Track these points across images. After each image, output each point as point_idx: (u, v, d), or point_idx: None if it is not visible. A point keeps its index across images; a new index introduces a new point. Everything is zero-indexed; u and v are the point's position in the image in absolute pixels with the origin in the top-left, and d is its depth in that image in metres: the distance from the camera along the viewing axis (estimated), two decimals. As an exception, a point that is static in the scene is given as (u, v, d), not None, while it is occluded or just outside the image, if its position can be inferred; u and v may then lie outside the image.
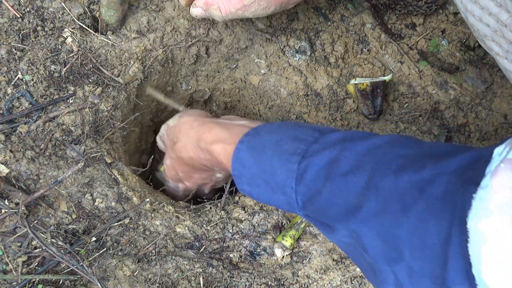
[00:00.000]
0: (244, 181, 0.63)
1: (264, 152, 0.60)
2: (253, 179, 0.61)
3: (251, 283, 0.75)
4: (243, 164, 0.62)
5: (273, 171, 0.57)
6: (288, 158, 0.56)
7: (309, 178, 0.54)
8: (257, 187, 0.61)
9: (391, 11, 0.97)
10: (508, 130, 0.93)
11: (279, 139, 0.59)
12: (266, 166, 0.58)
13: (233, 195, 0.84)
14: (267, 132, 0.63)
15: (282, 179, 0.56)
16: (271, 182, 0.58)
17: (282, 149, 0.58)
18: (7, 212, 0.69)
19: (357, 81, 0.91)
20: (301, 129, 0.60)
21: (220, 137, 0.69)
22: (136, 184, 0.81)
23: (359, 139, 0.54)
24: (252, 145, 0.62)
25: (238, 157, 0.63)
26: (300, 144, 0.57)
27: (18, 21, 0.81)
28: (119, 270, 0.72)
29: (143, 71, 0.87)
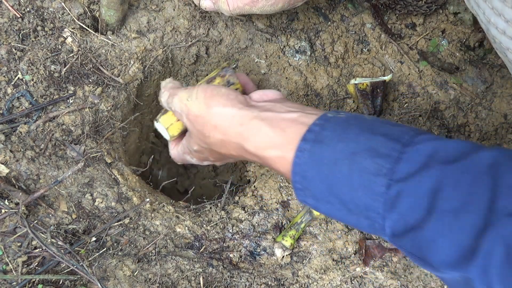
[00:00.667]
0: (309, 195, 0.54)
1: (337, 168, 0.51)
2: (322, 195, 0.53)
3: (251, 283, 0.75)
4: (308, 178, 0.53)
5: (352, 192, 0.50)
6: (371, 179, 0.48)
7: (405, 208, 0.46)
8: (327, 203, 0.53)
9: (391, 11, 0.97)
10: (508, 130, 0.93)
11: (353, 151, 0.50)
12: (341, 185, 0.50)
13: (233, 195, 0.84)
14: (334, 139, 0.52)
15: (365, 203, 0.49)
16: (349, 202, 0.50)
17: (360, 166, 0.49)
18: (7, 212, 0.69)
19: (357, 81, 0.91)
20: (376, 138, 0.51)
21: (273, 142, 0.58)
22: (136, 184, 0.81)
23: (459, 157, 0.46)
24: (318, 157, 0.52)
25: (299, 171, 0.54)
26: (383, 161, 0.48)
27: (18, 21, 0.81)
28: (119, 270, 0.72)
29: (143, 71, 0.87)
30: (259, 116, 0.60)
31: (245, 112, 0.61)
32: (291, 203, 0.82)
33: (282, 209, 0.81)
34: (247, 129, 0.60)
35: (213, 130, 0.63)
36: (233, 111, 0.62)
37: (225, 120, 0.62)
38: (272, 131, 0.58)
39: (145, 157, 1.05)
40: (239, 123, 0.61)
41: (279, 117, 0.59)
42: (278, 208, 0.81)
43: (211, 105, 0.63)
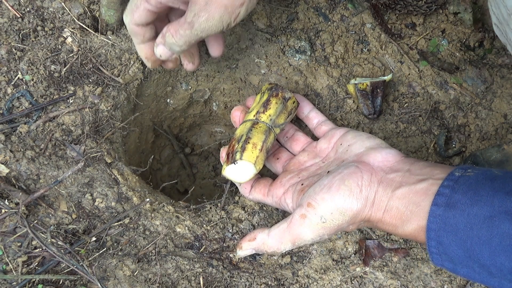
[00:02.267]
0: (446, 259, 0.55)
1: (474, 232, 0.51)
2: (460, 260, 0.53)
3: (251, 283, 0.75)
4: (444, 244, 0.54)
5: (493, 257, 0.49)
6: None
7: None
8: (466, 267, 0.54)
9: (391, 11, 0.97)
10: (508, 130, 0.93)
11: (490, 215, 0.50)
12: (481, 249, 0.50)
13: (233, 195, 0.84)
14: (466, 203, 0.53)
15: (509, 267, 0.48)
16: (490, 266, 0.50)
17: (500, 230, 0.49)
18: (7, 212, 0.69)
19: (357, 81, 0.91)
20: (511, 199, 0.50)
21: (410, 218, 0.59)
22: (136, 184, 0.81)
23: None
24: (453, 222, 0.53)
25: (434, 236, 0.55)
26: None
27: (18, 21, 0.81)
28: (119, 270, 0.72)
29: (143, 71, 0.87)
30: (394, 196, 0.61)
31: (381, 195, 0.62)
32: (291, 203, 0.82)
33: (282, 209, 0.81)
34: (387, 214, 0.61)
35: (358, 223, 0.65)
36: (371, 197, 0.62)
37: (369, 210, 0.62)
38: (409, 210, 0.59)
39: (145, 157, 1.05)
40: (380, 209, 0.62)
41: (413, 190, 0.59)
42: (278, 208, 0.81)
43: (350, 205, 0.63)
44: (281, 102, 0.76)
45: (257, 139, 0.72)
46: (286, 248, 0.68)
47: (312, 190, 0.66)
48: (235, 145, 0.72)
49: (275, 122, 0.75)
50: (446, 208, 0.54)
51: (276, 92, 0.77)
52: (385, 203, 0.61)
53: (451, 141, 0.92)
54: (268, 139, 0.74)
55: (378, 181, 0.63)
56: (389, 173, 0.63)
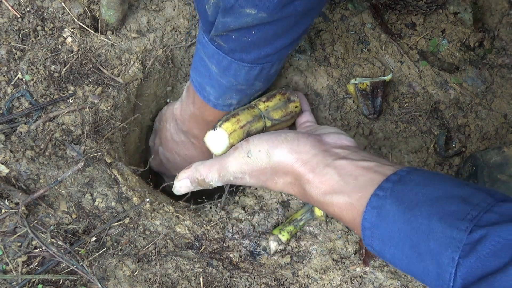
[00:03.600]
0: (376, 236, 0.53)
1: (418, 208, 0.49)
2: (392, 236, 0.51)
3: (251, 283, 0.75)
4: (382, 215, 0.52)
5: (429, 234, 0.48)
6: (454, 223, 0.46)
7: (486, 253, 0.43)
8: (394, 247, 0.51)
9: (391, 11, 0.97)
10: (508, 130, 0.93)
11: (439, 195, 0.50)
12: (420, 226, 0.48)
13: (233, 195, 0.84)
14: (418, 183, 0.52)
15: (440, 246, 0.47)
16: (421, 246, 0.48)
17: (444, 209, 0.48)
18: (7, 212, 0.69)
19: (357, 81, 0.91)
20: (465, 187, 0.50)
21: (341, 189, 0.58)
22: (136, 184, 0.81)
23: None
24: (400, 195, 0.52)
25: (376, 206, 0.53)
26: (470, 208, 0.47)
27: (18, 21, 0.81)
28: (119, 270, 0.72)
29: (143, 71, 0.87)
30: (332, 164, 0.60)
31: (319, 159, 0.61)
32: (291, 203, 0.82)
33: (282, 209, 0.81)
34: (318, 177, 0.60)
35: (284, 176, 0.64)
36: (307, 157, 0.62)
37: (298, 166, 0.62)
38: (343, 180, 0.58)
39: (145, 157, 1.05)
40: (311, 170, 0.61)
41: (353, 164, 0.59)
42: (278, 208, 0.81)
43: (281, 153, 0.63)
44: (284, 100, 0.79)
45: (244, 117, 0.74)
46: (213, 178, 0.68)
47: (258, 134, 0.68)
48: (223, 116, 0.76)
49: (269, 114, 0.77)
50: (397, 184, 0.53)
51: (285, 91, 0.80)
52: (321, 168, 0.60)
53: (451, 141, 0.92)
54: (255, 123, 0.75)
55: (322, 150, 0.63)
56: (336, 148, 0.64)
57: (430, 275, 0.48)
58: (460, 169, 0.89)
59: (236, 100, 0.77)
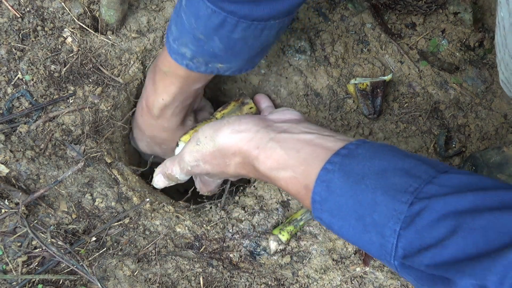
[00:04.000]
0: (326, 209, 0.54)
1: (364, 182, 0.51)
2: (340, 209, 0.52)
3: (251, 283, 0.75)
4: (331, 189, 0.53)
5: (373, 207, 0.49)
6: (396, 195, 0.48)
7: (424, 224, 0.45)
8: (342, 219, 0.52)
9: (391, 11, 0.97)
10: (508, 130, 0.93)
11: (384, 168, 0.51)
12: (365, 199, 0.50)
13: (233, 195, 0.84)
14: (365, 157, 0.53)
15: (383, 218, 0.48)
16: (366, 218, 0.50)
17: (388, 182, 0.49)
18: (7, 212, 0.69)
19: (357, 81, 0.91)
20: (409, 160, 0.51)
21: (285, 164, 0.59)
22: (136, 184, 0.81)
23: (493, 189, 0.45)
24: (347, 169, 0.53)
25: (325, 180, 0.53)
26: (412, 180, 0.48)
27: (18, 21, 0.81)
28: (119, 270, 0.72)
29: (143, 71, 0.87)
30: (275, 138, 0.61)
31: (262, 135, 0.62)
32: (291, 203, 0.82)
33: (282, 209, 0.81)
34: (263, 152, 0.61)
35: (233, 158, 0.65)
36: (250, 135, 0.63)
37: (243, 145, 0.63)
38: (286, 154, 0.59)
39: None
40: (256, 146, 0.62)
41: (294, 138, 0.60)
42: (278, 208, 0.81)
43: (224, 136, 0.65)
44: (238, 105, 0.85)
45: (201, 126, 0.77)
46: (176, 171, 0.72)
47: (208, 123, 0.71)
48: None
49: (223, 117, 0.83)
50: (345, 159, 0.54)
51: (238, 98, 0.87)
52: (265, 143, 0.61)
53: (451, 141, 0.92)
54: None
55: (264, 126, 0.64)
56: (279, 123, 0.65)
57: (375, 246, 0.49)
58: (460, 169, 0.89)
59: (190, 52, 0.70)
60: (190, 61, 0.71)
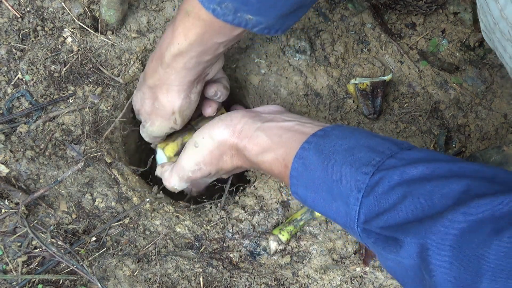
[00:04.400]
0: (302, 183, 0.59)
1: (334, 157, 0.56)
2: (313, 182, 0.57)
3: (251, 283, 0.75)
4: (306, 164, 0.59)
5: (340, 178, 0.54)
6: (360, 168, 0.53)
7: (381, 192, 0.50)
8: (314, 192, 0.58)
9: (391, 11, 0.97)
10: (508, 130, 0.93)
11: (352, 146, 0.56)
12: (334, 172, 0.55)
13: (233, 195, 0.84)
14: (338, 136, 0.59)
15: (348, 188, 0.53)
16: (334, 189, 0.55)
17: (354, 157, 0.55)
18: (7, 212, 0.69)
19: (357, 81, 0.91)
20: (376, 139, 0.57)
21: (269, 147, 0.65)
22: (136, 184, 0.81)
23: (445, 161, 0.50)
24: (321, 147, 0.58)
25: (302, 157, 0.59)
26: (376, 155, 0.53)
27: (18, 21, 0.81)
28: (119, 270, 0.72)
29: (143, 71, 0.87)
30: (260, 127, 0.67)
31: (249, 125, 0.68)
32: (291, 203, 0.82)
33: (282, 209, 0.81)
34: (250, 140, 0.67)
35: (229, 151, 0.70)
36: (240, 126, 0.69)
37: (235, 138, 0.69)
38: (270, 139, 0.65)
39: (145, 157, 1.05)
40: (245, 136, 0.68)
41: (277, 125, 0.66)
42: (278, 208, 0.81)
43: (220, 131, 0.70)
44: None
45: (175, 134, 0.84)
46: (175, 183, 0.74)
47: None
48: None
49: (198, 124, 0.85)
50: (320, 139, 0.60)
51: None
52: (252, 132, 0.67)
53: (451, 141, 0.92)
54: (186, 135, 0.84)
55: (251, 116, 0.69)
56: (264, 113, 0.71)
57: (341, 214, 0.55)
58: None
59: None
60: (217, 5, 0.64)
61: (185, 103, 0.76)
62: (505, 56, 0.59)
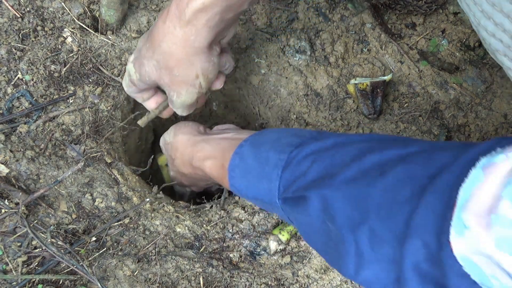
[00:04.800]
0: (237, 174, 0.65)
1: (263, 146, 0.63)
2: (246, 171, 0.64)
3: (251, 283, 0.75)
4: (241, 157, 0.65)
5: (267, 161, 0.61)
6: (283, 149, 0.60)
7: (295, 163, 0.57)
8: (247, 180, 0.63)
9: (391, 11, 0.97)
10: (508, 130, 0.93)
11: (281, 136, 0.63)
12: (262, 158, 0.62)
13: (233, 195, 0.84)
14: (271, 131, 0.67)
15: (272, 168, 0.59)
16: (261, 172, 0.61)
17: (280, 142, 0.61)
18: (7, 212, 0.69)
19: (357, 81, 0.91)
20: (304, 131, 0.64)
21: (210, 155, 0.74)
22: (136, 184, 0.81)
23: (353, 135, 0.57)
24: (254, 141, 0.66)
25: (238, 152, 0.66)
26: (298, 138, 0.60)
27: (18, 21, 0.81)
28: (119, 270, 0.72)
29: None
30: (205, 139, 0.78)
31: (197, 138, 0.80)
32: (291, 203, 0.82)
33: (282, 209, 0.81)
34: (195, 149, 0.78)
35: (175, 152, 0.83)
36: (189, 136, 0.81)
37: (182, 143, 0.82)
38: (211, 147, 0.75)
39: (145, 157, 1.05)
40: (191, 144, 0.79)
41: (218, 137, 0.77)
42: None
43: (176, 133, 0.84)
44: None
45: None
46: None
47: None
48: None
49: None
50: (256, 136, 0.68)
51: None
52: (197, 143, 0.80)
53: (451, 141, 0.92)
54: None
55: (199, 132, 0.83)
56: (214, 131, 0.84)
57: (266, 192, 0.60)
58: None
59: None
60: None
61: (209, 66, 0.69)
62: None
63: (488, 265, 0.37)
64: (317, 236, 0.55)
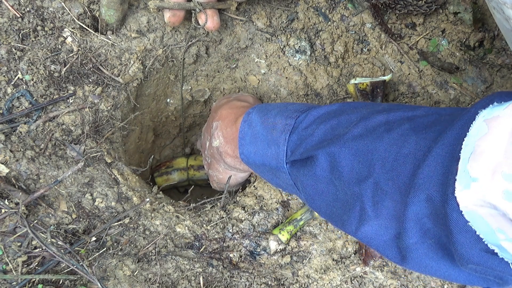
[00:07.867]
0: (247, 141, 0.67)
1: (271, 112, 0.66)
2: (255, 137, 0.66)
3: (251, 283, 0.75)
4: (250, 124, 0.67)
5: (274, 126, 0.63)
6: (290, 115, 0.62)
7: (303, 127, 0.59)
8: (256, 145, 0.65)
9: (391, 11, 0.97)
10: (508, 130, 0.93)
11: (287, 104, 0.67)
12: (269, 123, 0.64)
13: (233, 195, 0.84)
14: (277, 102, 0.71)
15: (279, 133, 0.62)
16: (269, 137, 0.63)
17: (287, 110, 0.64)
18: (7, 212, 0.69)
19: (357, 81, 0.91)
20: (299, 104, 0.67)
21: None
22: (136, 184, 0.81)
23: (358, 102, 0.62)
24: (262, 108, 0.68)
25: (247, 119, 0.68)
26: (305, 106, 0.63)
27: (18, 21, 0.81)
28: (119, 270, 0.72)
29: (143, 71, 0.87)
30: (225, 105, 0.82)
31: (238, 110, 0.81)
32: (291, 203, 0.82)
33: (282, 209, 0.81)
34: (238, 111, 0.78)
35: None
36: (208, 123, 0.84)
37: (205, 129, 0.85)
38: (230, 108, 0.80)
39: (145, 157, 1.05)
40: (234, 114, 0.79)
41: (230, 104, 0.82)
42: (278, 208, 0.81)
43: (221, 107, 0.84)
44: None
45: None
46: None
47: None
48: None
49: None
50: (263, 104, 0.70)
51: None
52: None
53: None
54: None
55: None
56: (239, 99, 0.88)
57: (274, 157, 0.62)
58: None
59: None
60: None
61: None
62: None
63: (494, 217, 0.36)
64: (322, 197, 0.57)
